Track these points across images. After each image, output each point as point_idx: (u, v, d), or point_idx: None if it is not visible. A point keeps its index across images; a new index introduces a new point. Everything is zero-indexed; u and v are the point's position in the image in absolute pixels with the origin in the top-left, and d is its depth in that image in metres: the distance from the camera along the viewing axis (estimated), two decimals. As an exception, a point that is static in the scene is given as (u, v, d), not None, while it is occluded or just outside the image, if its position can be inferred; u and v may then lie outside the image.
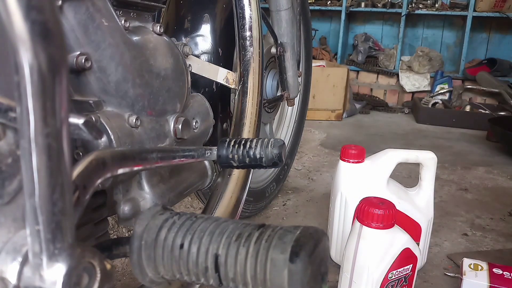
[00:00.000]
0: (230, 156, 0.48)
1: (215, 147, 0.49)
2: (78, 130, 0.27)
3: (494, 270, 0.81)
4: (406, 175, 1.54)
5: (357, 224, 0.63)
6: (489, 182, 1.53)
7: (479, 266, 0.82)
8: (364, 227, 0.62)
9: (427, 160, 0.87)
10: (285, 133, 1.33)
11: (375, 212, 0.60)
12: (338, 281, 0.70)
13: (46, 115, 0.21)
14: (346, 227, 0.88)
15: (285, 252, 0.28)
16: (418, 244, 0.85)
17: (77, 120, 0.27)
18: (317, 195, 1.32)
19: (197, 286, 0.47)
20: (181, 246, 0.31)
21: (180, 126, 0.55)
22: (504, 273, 0.80)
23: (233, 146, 0.48)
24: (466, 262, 0.84)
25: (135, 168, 0.37)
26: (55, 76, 0.22)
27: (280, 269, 0.28)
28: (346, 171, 0.88)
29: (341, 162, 0.89)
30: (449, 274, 0.90)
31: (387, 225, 0.61)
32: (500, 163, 1.78)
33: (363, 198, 0.65)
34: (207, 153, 0.48)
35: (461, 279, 0.80)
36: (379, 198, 0.64)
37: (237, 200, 0.61)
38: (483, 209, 1.18)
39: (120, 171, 0.34)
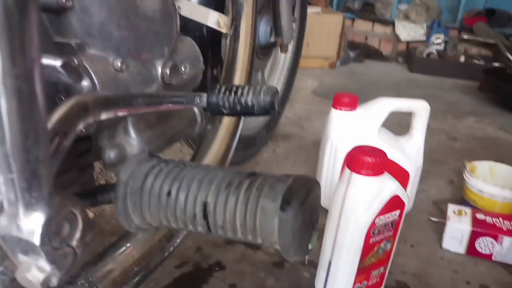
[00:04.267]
0: (221, 103, 0.46)
1: (205, 94, 0.47)
2: (56, 72, 0.25)
3: (477, 215, 0.83)
4: (396, 123, 1.54)
5: (347, 171, 0.64)
6: (478, 132, 1.54)
7: (463, 211, 0.84)
8: (354, 174, 0.62)
9: (420, 109, 0.86)
10: (277, 81, 1.30)
11: (366, 160, 0.60)
12: (325, 226, 0.72)
13: (14, 54, 0.19)
14: (335, 174, 0.89)
15: (276, 201, 0.28)
16: (405, 190, 0.86)
17: (55, 62, 0.25)
18: (307, 142, 1.33)
19: (185, 232, 0.48)
20: (169, 193, 0.30)
21: (168, 71, 0.53)
22: (486, 217, 0.82)
23: (224, 93, 0.46)
24: (451, 207, 0.86)
25: (119, 113, 0.35)
26: (22, 10, 0.20)
27: (271, 218, 0.28)
28: (338, 119, 0.87)
29: (333, 110, 0.88)
30: (433, 219, 0.93)
31: (377, 173, 0.61)
32: (490, 114, 1.79)
33: (355, 147, 0.64)
34: (197, 100, 0.47)
35: (445, 224, 0.82)
36: (371, 146, 0.64)
37: (226, 147, 0.60)
38: (470, 158, 1.19)
39: (103, 116, 0.33)
